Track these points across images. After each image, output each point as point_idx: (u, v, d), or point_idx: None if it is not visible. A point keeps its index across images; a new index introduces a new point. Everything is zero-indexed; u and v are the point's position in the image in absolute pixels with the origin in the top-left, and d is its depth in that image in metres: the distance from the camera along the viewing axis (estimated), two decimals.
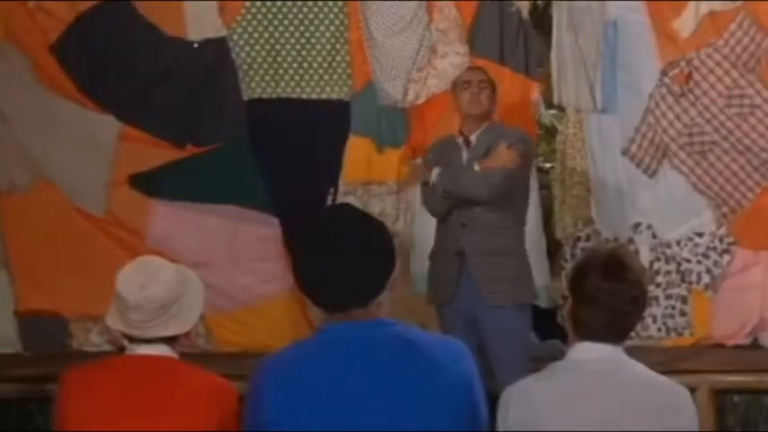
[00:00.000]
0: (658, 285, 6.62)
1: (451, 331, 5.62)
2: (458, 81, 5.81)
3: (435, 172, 5.63)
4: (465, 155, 5.67)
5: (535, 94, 6.85)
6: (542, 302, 6.60)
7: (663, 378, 3.00)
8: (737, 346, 6.55)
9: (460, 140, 5.72)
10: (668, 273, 6.64)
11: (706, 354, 6.46)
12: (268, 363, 2.85)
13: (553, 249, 6.99)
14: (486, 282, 5.57)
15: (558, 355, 3.08)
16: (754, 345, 6.58)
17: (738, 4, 6.53)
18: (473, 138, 5.67)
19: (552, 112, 7.32)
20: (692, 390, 3.06)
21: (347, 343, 2.76)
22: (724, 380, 6.05)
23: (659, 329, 6.59)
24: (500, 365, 5.43)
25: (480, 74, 5.80)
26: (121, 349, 3.48)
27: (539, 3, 6.98)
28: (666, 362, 5.72)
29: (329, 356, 2.77)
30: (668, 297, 6.62)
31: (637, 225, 6.67)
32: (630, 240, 6.62)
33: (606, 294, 2.92)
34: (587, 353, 2.96)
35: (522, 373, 3.33)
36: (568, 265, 6.59)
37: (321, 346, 2.80)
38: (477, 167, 5.57)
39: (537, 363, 4.86)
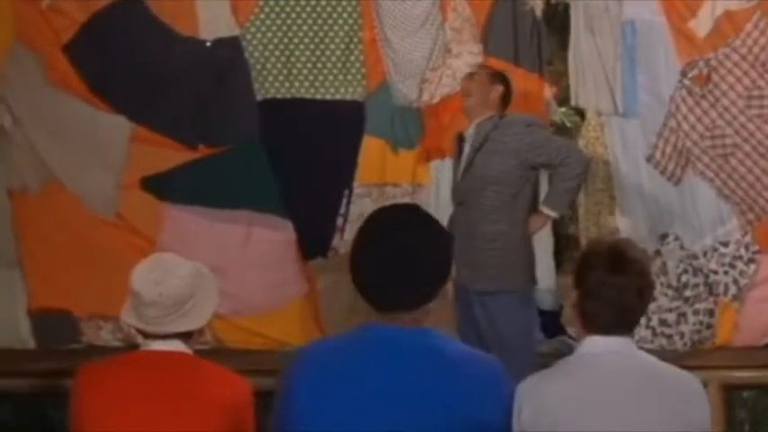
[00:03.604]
0: (686, 300, 6.53)
1: (460, 310, 5.75)
2: None
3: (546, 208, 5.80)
4: (466, 148, 5.84)
5: (547, 92, 6.85)
6: (546, 305, 6.59)
7: (673, 368, 3.01)
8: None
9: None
10: (696, 286, 6.54)
11: (716, 350, 6.47)
12: (306, 352, 2.86)
13: (562, 246, 6.97)
14: (466, 266, 5.61)
15: (565, 351, 3.08)
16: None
17: (754, 3, 6.50)
18: (471, 128, 5.83)
19: (563, 110, 7.31)
20: (702, 386, 3.06)
21: (389, 346, 2.76)
22: (734, 376, 6.10)
23: (685, 344, 6.50)
24: (496, 353, 5.50)
25: (475, 68, 6.01)
26: (135, 347, 3.50)
27: (553, 1, 6.97)
28: (676, 359, 5.70)
29: (370, 356, 2.76)
30: (696, 313, 6.52)
31: (664, 236, 6.58)
32: (658, 252, 6.55)
33: (611, 289, 2.92)
34: (597, 347, 2.96)
35: (521, 363, 3.35)
36: None
37: (364, 343, 2.79)
38: None
39: (544, 359, 4.90)
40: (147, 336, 3.34)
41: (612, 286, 2.92)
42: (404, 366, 2.73)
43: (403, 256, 2.74)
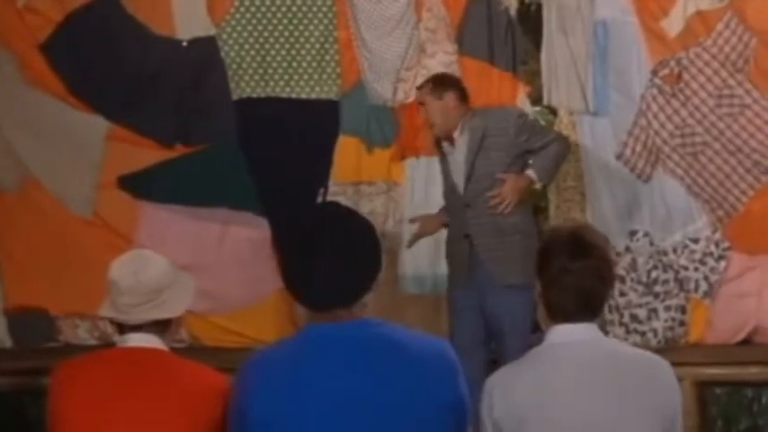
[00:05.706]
0: (657, 296, 6.55)
1: (461, 319, 5.72)
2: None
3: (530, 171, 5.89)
4: (458, 154, 5.83)
5: (522, 92, 6.88)
6: None
7: (640, 351, 3.04)
8: None
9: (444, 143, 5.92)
10: (666, 282, 6.56)
11: (689, 347, 6.49)
12: (253, 361, 2.86)
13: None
14: (495, 262, 5.70)
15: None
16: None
17: (725, 3, 6.52)
18: (456, 134, 5.82)
19: (537, 109, 7.34)
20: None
21: (333, 343, 2.77)
22: (707, 372, 6.13)
23: (659, 342, 6.49)
24: (509, 348, 5.57)
25: (425, 90, 6.00)
26: (111, 345, 3.51)
27: (526, 1, 7.00)
28: None
29: (316, 356, 2.77)
30: (667, 309, 6.53)
31: (633, 233, 6.61)
32: (627, 249, 6.59)
33: (573, 275, 2.93)
34: (564, 336, 2.98)
35: None
36: None
37: (307, 346, 2.80)
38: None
39: None
40: (122, 331, 3.36)
41: (574, 272, 2.92)
42: (355, 360, 2.74)
43: (334, 256, 2.76)
